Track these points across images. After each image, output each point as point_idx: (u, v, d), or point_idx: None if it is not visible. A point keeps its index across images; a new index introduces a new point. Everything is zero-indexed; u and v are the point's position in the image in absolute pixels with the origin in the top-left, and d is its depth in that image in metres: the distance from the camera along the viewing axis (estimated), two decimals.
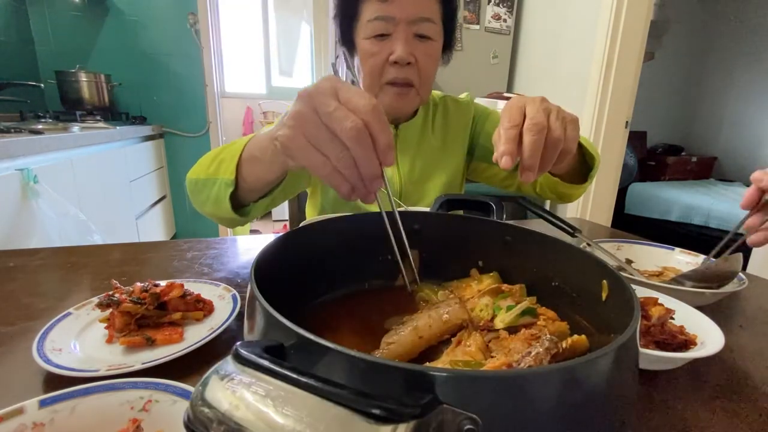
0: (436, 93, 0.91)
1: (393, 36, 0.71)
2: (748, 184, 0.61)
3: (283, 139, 0.33)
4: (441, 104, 0.90)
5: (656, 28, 2.82)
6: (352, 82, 0.81)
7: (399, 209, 0.42)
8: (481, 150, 0.90)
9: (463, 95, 0.94)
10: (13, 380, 0.37)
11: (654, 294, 0.48)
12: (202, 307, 0.48)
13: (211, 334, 0.42)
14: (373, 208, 0.45)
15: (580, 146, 0.67)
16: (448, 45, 0.80)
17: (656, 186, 3.22)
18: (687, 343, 0.42)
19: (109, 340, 0.42)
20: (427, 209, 0.53)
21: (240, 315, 0.47)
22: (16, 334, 0.44)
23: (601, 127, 1.88)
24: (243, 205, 0.57)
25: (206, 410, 0.15)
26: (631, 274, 0.61)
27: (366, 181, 0.32)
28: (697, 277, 0.58)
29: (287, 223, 1.09)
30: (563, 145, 0.44)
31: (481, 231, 0.44)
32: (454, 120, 0.89)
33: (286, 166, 0.39)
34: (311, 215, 0.90)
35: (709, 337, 0.43)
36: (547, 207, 0.80)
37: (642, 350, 0.39)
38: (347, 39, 0.77)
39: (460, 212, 0.53)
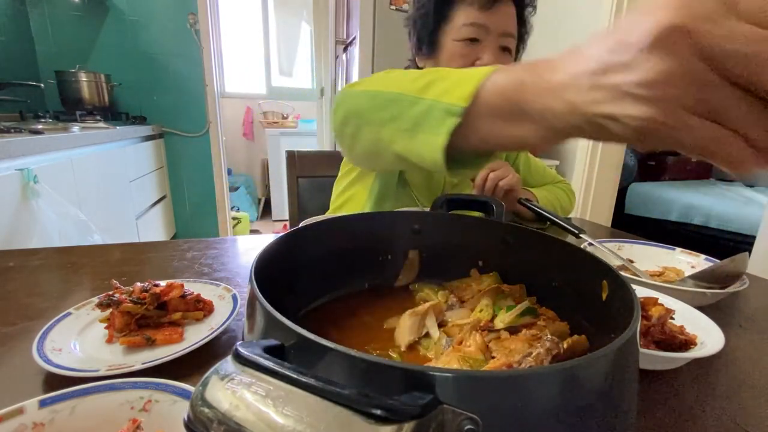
0: None
1: (483, 43, 0.75)
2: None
3: (649, 122, 0.21)
4: None
5: None
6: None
7: (399, 209, 0.42)
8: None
9: None
10: (13, 380, 0.37)
11: (654, 294, 0.48)
12: (202, 307, 0.48)
13: (211, 334, 0.42)
14: None
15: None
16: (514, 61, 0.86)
17: (656, 186, 3.21)
18: (687, 343, 0.42)
19: (109, 340, 0.42)
20: (427, 209, 0.53)
21: (240, 315, 0.47)
22: (16, 334, 0.44)
23: None
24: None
25: (206, 410, 0.15)
26: (635, 274, 0.61)
27: None
28: (705, 278, 0.58)
29: (287, 223, 1.09)
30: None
31: (481, 231, 0.44)
32: None
33: (604, 139, 0.25)
34: (362, 197, 0.79)
35: (709, 337, 0.43)
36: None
37: (642, 350, 0.39)
38: (432, 38, 0.80)
39: (461, 212, 0.53)
